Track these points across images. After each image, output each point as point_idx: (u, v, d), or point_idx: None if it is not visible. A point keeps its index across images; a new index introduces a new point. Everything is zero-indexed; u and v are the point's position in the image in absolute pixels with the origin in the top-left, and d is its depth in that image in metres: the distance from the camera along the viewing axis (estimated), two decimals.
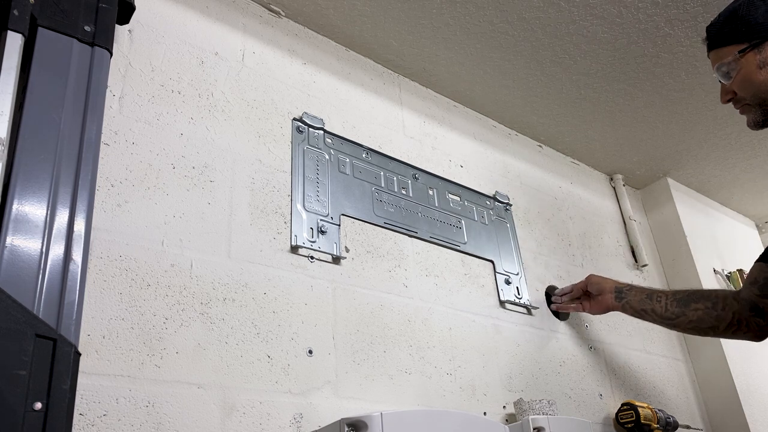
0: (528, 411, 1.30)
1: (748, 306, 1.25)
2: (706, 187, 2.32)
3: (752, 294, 1.24)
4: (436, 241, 1.46)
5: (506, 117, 1.87)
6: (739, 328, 1.27)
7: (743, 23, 1.10)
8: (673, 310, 1.36)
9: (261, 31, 1.40)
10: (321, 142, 1.37)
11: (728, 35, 1.12)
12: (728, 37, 1.12)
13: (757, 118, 1.14)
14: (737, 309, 1.26)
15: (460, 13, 1.49)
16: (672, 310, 1.36)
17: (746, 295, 1.25)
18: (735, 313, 1.26)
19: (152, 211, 1.05)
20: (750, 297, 1.24)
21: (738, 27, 1.11)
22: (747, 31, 1.10)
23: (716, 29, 1.15)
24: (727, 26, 1.13)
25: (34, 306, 0.75)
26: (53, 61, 0.92)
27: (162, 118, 1.14)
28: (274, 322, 1.10)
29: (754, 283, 1.23)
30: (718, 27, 1.15)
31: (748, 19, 1.10)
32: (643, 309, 1.42)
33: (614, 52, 1.64)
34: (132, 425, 0.88)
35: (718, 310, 1.28)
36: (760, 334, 1.27)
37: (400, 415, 0.92)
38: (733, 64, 1.11)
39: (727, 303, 1.28)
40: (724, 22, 1.13)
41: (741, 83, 1.12)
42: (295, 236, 1.20)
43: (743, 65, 1.10)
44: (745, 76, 1.11)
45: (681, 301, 1.35)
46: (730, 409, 1.86)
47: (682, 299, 1.35)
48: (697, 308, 1.31)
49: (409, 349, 1.27)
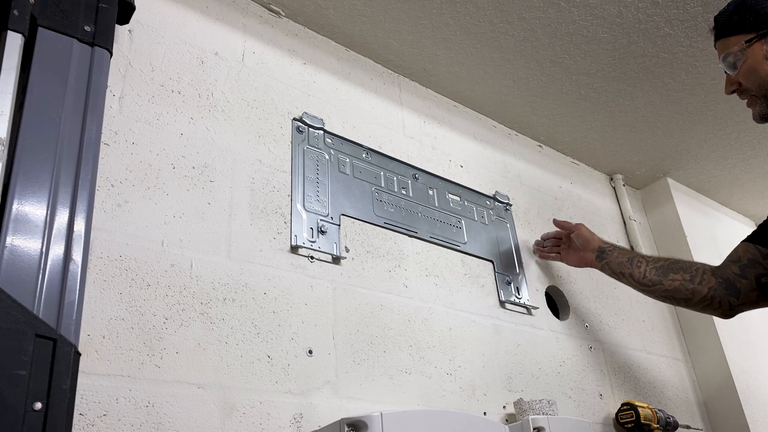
0: (528, 411, 1.30)
1: (725, 284, 1.24)
2: (706, 187, 2.32)
3: (731, 272, 1.24)
4: (436, 241, 1.46)
5: (506, 117, 1.87)
6: (710, 304, 1.27)
7: (752, 12, 1.09)
8: (651, 278, 1.35)
9: (261, 31, 1.40)
10: (321, 142, 1.37)
11: (736, 25, 1.11)
12: (736, 27, 1.11)
13: (763, 111, 1.13)
14: (713, 285, 1.26)
15: (460, 13, 1.49)
16: (650, 277, 1.35)
17: (724, 273, 1.25)
18: (711, 288, 1.26)
19: (152, 211, 1.05)
20: (728, 275, 1.24)
21: (746, 16, 1.10)
22: (755, 21, 1.09)
23: (724, 18, 1.14)
24: (736, 15, 1.12)
25: (34, 306, 0.75)
26: (53, 61, 0.92)
27: (162, 118, 1.14)
28: (274, 322, 1.10)
29: (736, 261, 1.23)
30: (726, 16, 1.14)
31: (757, 9, 1.09)
32: (621, 272, 1.42)
33: (614, 52, 1.64)
34: (132, 425, 0.88)
35: (695, 283, 1.28)
36: (729, 313, 1.27)
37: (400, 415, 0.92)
38: (740, 54, 1.10)
39: (704, 277, 1.27)
40: (733, 12, 1.12)
41: (747, 73, 1.11)
42: (295, 236, 1.20)
43: (750, 55, 1.10)
44: (751, 66, 1.10)
45: (660, 269, 1.35)
46: (730, 409, 1.86)
47: (661, 267, 1.35)
48: (675, 278, 1.31)
49: (409, 349, 1.27)
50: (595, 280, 1.83)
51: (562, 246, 1.61)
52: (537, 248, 1.68)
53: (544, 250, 1.65)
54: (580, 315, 1.72)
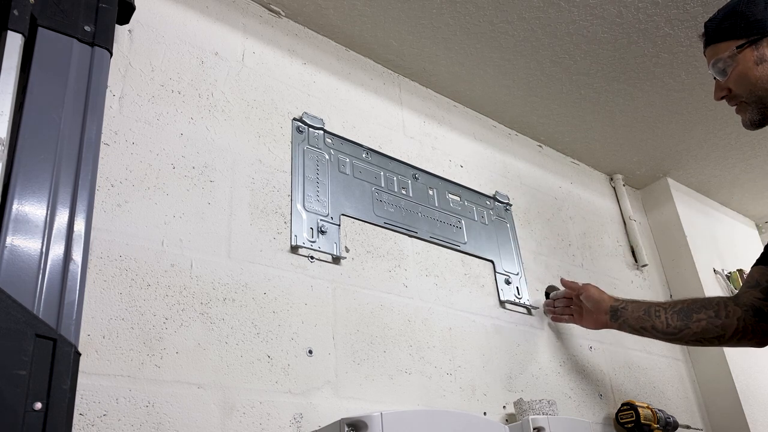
0: (528, 411, 1.30)
1: (752, 311, 1.18)
2: (706, 187, 2.32)
3: (754, 298, 1.18)
4: (436, 241, 1.46)
5: (506, 117, 1.87)
6: (744, 336, 1.20)
7: (742, 19, 1.09)
8: (676, 324, 1.27)
9: (261, 31, 1.40)
10: (321, 142, 1.37)
11: (726, 31, 1.11)
12: (726, 33, 1.11)
13: (753, 117, 1.12)
14: (741, 315, 1.19)
15: (460, 13, 1.49)
16: (674, 324, 1.27)
17: (748, 300, 1.19)
18: (739, 319, 1.20)
19: (152, 211, 1.05)
20: (752, 301, 1.19)
21: (737, 22, 1.09)
22: (745, 27, 1.08)
23: (715, 25, 1.13)
24: (726, 22, 1.11)
25: (34, 306, 0.75)
26: (53, 61, 0.92)
27: (162, 118, 1.14)
28: (274, 322, 1.10)
29: (756, 286, 1.18)
30: (716, 22, 1.13)
31: (747, 15, 1.08)
32: (642, 327, 1.34)
33: (614, 52, 1.64)
34: (132, 425, 0.88)
35: (722, 318, 1.21)
36: (764, 341, 1.21)
37: (400, 415, 0.92)
38: (730, 60, 1.10)
39: (729, 309, 1.21)
40: (723, 18, 1.12)
41: (737, 80, 1.11)
42: (295, 236, 1.20)
43: (740, 61, 1.09)
44: (741, 72, 1.09)
45: (681, 312, 1.27)
46: (730, 409, 1.86)
47: (682, 311, 1.27)
48: (700, 318, 1.23)
49: (409, 349, 1.27)
50: (595, 280, 1.83)
51: (574, 307, 1.52)
52: (548, 309, 1.59)
53: (556, 312, 1.56)
54: None
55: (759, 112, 1.11)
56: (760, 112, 1.11)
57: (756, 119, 1.12)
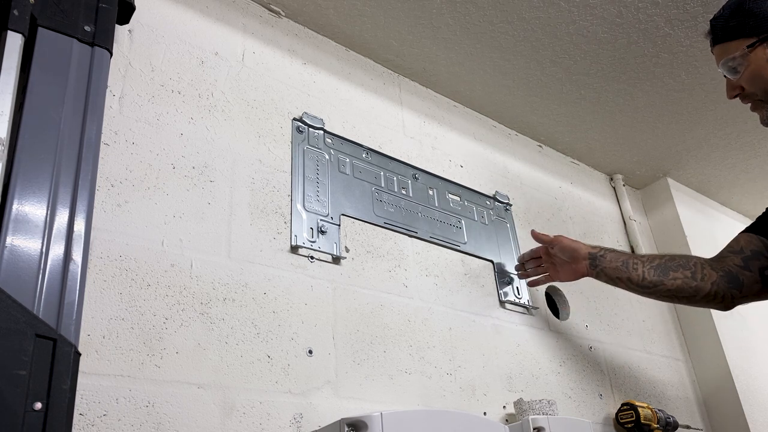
0: (528, 411, 1.30)
1: (727, 277, 1.20)
2: (706, 187, 2.32)
3: (732, 264, 1.20)
4: (436, 241, 1.46)
5: (506, 117, 1.87)
6: (714, 299, 1.22)
7: (751, 16, 1.07)
8: (651, 279, 1.28)
9: (261, 31, 1.40)
10: (321, 142, 1.37)
11: (735, 29, 1.09)
12: (735, 31, 1.09)
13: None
14: (715, 279, 1.21)
15: (460, 13, 1.49)
16: (649, 278, 1.28)
17: (725, 265, 1.20)
18: (713, 283, 1.21)
19: (152, 211, 1.05)
20: (729, 267, 1.20)
21: (745, 20, 1.07)
22: (755, 25, 1.06)
23: (722, 23, 1.11)
24: (734, 19, 1.09)
25: (34, 306, 0.75)
26: (53, 61, 0.92)
27: (162, 118, 1.14)
28: (274, 322, 1.10)
29: (738, 252, 1.19)
30: (723, 20, 1.11)
31: (756, 12, 1.06)
32: (618, 277, 1.33)
33: (614, 52, 1.64)
34: (132, 425, 0.88)
35: (697, 280, 1.22)
36: (730, 305, 1.23)
37: (400, 415, 0.92)
38: (741, 59, 1.08)
39: (705, 272, 1.22)
40: (731, 16, 1.10)
41: (750, 79, 1.09)
42: (295, 236, 1.20)
43: (752, 60, 1.07)
44: (754, 71, 1.07)
45: (659, 268, 1.28)
46: (730, 409, 1.86)
47: (659, 266, 1.28)
48: (676, 277, 1.25)
49: (409, 349, 1.27)
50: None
51: (546, 264, 1.47)
52: (521, 274, 1.55)
53: (530, 274, 1.52)
54: (580, 315, 1.72)
55: None
56: None
57: None
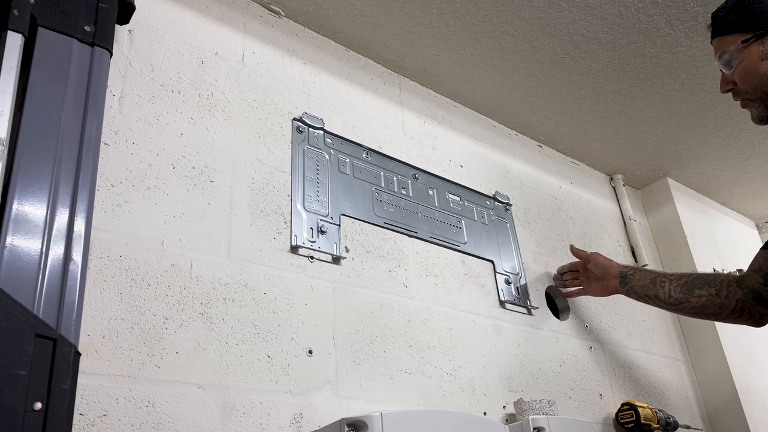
0: (528, 411, 1.30)
1: (752, 294, 1.22)
2: (706, 187, 2.32)
3: (756, 282, 1.21)
4: (436, 241, 1.46)
5: (506, 117, 1.87)
6: (741, 315, 1.26)
7: (750, 12, 1.07)
8: (677, 296, 1.34)
9: (261, 31, 1.40)
10: (321, 142, 1.37)
11: (733, 23, 1.10)
12: (733, 25, 1.09)
13: (761, 113, 1.12)
14: (740, 297, 1.24)
15: (460, 13, 1.49)
16: (675, 296, 1.34)
17: (750, 283, 1.23)
18: (738, 301, 1.24)
19: (152, 211, 1.05)
20: (753, 285, 1.22)
21: (744, 15, 1.08)
22: (753, 21, 1.07)
23: (722, 16, 1.12)
24: (733, 14, 1.10)
25: (34, 306, 0.75)
26: (53, 61, 0.92)
27: (162, 118, 1.14)
28: (274, 322, 1.10)
29: (759, 270, 1.20)
30: (724, 14, 1.12)
31: (756, 8, 1.07)
32: (647, 295, 1.41)
33: (614, 52, 1.64)
34: (132, 425, 0.88)
35: (722, 297, 1.26)
36: (760, 321, 1.26)
37: (400, 415, 0.92)
38: (735, 53, 1.08)
39: (730, 290, 1.26)
40: (731, 9, 1.11)
41: (742, 74, 1.09)
42: (295, 236, 1.20)
43: (746, 56, 1.08)
44: (747, 67, 1.08)
45: (685, 286, 1.33)
46: (730, 409, 1.86)
47: (686, 284, 1.34)
48: (701, 294, 1.30)
49: (409, 349, 1.27)
50: None
51: (582, 277, 1.60)
52: (559, 283, 1.68)
53: (566, 284, 1.65)
54: (580, 315, 1.72)
55: (765, 108, 1.10)
56: (765, 108, 1.10)
57: (764, 115, 1.11)
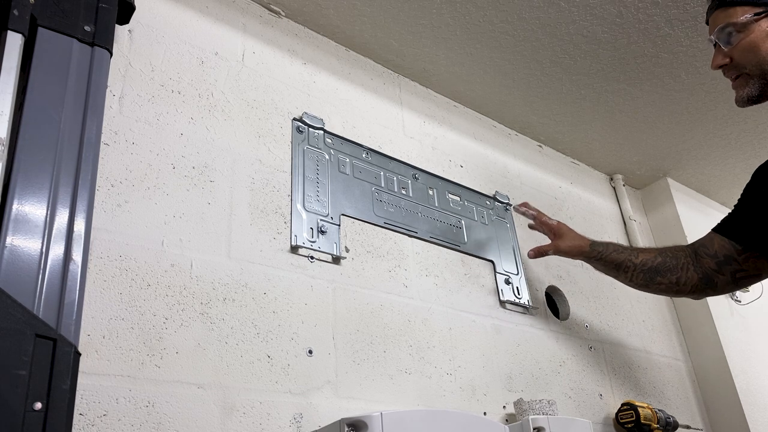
0: (528, 411, 1.30)
1: (705, 279, 1.26)
2: (706, 187, 2.32)
3: (708, 267, 1.24)
4: (436, 241, 1.46)
5: (506, 117, 1.87)
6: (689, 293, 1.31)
7: None
8: (638, 282, 1.36)
9: (261, 31, 1.40)
10: (321, 142, 1.37)
11: None
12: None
13: (752, 92, 1.08)
14: (695, 282, 1.27)
15: (460, 13, 1.49)
16: (637, 281, 1.36)
17: (703, 267, 1.26)
18: (693, 286, 1.28)
19: (152, 211, 1.05)
20: (706, 270, 1.25)
21: None
22: None
23: None
24: None
25: (34, 306, 0.75)
26: (53, 61, 0.92)
27: (162, 118, 1.14)
28: (274, 322, 1.10)
29: (714, 256, 1.23)
30: None
31: None
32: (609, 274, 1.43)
33: (614, 52, 1.64)
34: (132, 425, 0.88)
35: (680, 284, 1.29)
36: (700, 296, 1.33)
37: (400, 415, 0.92)
38: (743, 26, 1.04)
39: (688, 276, 1.28)
40: None
41: (745, 49, 1.05)
42: (295, 236, 1.20)
43: (753, 30, 1.04)
44: (752, 42, 1.04)
45: (648, 273, 1.33)
46: (730, 409, 1.86)
47: (650, 271, 1.33)
48: (661, 282, 1.32)
49: (409, 349, 1.27)
50: (595, 279, 1.83)
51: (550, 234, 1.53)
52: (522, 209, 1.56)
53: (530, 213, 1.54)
54: (580, 315, 1.72)
55: (759, 88, 1.07)
56: (760, 88, 1.07)
57: (754, 95, 1.08)
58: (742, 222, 1.19)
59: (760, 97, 1.08)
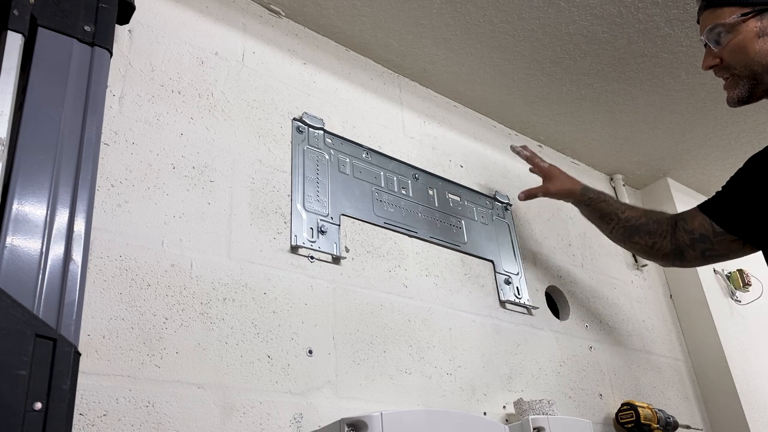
0: (528, 411, 1.30)
1: (677, 250, 1.29)
2: (706, 187, 2.32)
3: (683, 240, 1.27)
4: (436, 241, 1.46)
5: (506, 117, 1.87)
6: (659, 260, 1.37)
7: None
8: (617, 235, 1.42)
9: (261, 31, 1.40)
10: (321, 142, 1.37)
11: None
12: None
13: (741, 94, 1.08)
14: (668, 251, 1.31)
15: (460, 13, 1.49)
16: (616, 234, 1.42)
17: (678, 239, 1.28)
18: (665, 254, 1.32)
19: (152, 211, 1.05)
20: (680, 242, 1.28)
21: None
22: None
23: None
24: None
25: (34, 306, 0.75)
26: (53, 61, 0.92)
27: (162, 118, 1.14)
28: (274, 322, 1.10)
29: (691, 232, 1.25)
30: None
31: None
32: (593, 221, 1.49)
33: (614, 52, 1.64)
34: (132, 425, 0.88)
35: (654, 249, 1.34)
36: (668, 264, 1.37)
37: (400, 415, 0.92)
38: (731, 27, 1.04)
39: (663, 243, 1.31)
40: None
41: (734, 50, 1.05)
42: (295, 236, 1.20)
43: (741, 31, 1.04)
44: (740, 43, 1.04)
45: (628, 230, 1.38)
46: (730, 409, 1.86)
47: (630, 228, 1.38)
48: (638, 242, 1.36)
49: (409, 349, 1.27)
50: (595, 280, 1.83)
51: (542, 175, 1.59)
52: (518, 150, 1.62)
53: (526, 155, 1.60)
54: (580, 315, 1.72)
55: (748, 89, 1.07)
56: (749, 89, 1.07)
57: (744, 96, 1.08)
58: (728, 206, 1.19)
59: (750, 97, 1.08)
